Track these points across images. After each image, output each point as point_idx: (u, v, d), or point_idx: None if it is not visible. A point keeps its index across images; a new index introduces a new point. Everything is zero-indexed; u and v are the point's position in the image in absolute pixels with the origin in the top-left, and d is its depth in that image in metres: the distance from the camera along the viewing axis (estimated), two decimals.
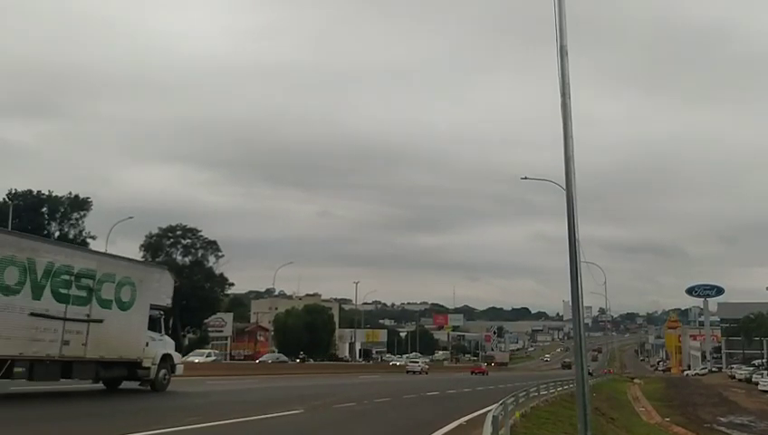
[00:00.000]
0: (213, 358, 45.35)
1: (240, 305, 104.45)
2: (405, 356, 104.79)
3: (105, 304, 17.09)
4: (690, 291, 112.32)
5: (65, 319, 15.75)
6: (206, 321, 54.99)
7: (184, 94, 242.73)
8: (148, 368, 18.78)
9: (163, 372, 19.43)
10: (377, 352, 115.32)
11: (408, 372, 59.30)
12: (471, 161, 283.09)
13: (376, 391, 26.25)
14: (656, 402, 44.76)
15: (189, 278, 49.63)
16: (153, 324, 19.43)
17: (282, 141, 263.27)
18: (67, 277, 15.90)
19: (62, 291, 15.78)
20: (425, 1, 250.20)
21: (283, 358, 51.49)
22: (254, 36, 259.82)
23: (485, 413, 12.08)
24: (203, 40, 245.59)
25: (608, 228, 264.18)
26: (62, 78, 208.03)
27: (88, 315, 16.47)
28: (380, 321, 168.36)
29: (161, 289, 20.19)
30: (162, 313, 20.31)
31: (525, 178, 44.30)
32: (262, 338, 78.10)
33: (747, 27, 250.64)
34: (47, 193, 47.00)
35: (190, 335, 52.41)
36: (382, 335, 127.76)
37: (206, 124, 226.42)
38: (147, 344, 18.73)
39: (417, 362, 66.85)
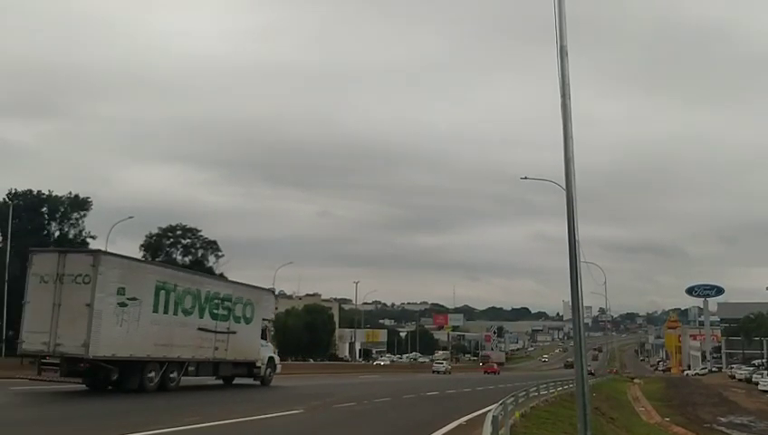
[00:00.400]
0: None
1: None
2: (386, 356, 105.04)
3: (237, 319, 22.67)
4: (690, 291, 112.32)
5: (216, 332, 21.37)
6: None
7: (184, 94, 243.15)
8: (260, 367, 24.43)
9: (269, 370, 25.15)
10: (377, 351, 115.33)
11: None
12: (471, 161, 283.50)
13: (376, 391, 26.26)
14: (656, 402, 44.75)
15: None
16: (263, 334, 24.77)
17: (282, 141, 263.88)
18: (217, 301, 21.58)
19: (215, 311, 21.45)
20: (425, 1, 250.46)
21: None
22: (254, 36, 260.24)
23: (485, 413, 12.09)
24: (203, 40, 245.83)
25: (608, 228, 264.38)
26: (61, 78, 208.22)
27: (228, 328, 22.05)
28: (380, 321, 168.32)
29: (268, 307, 26.97)
30: (267, 324, 25.94)
31: (525, 178, 44.30)
32: None
33: (748, 27, 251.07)
34: (47, 193, 46.90)
35: None
36: (382, 335, 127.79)
37: (207, 124, 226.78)
38: (260, 349, 24.40)
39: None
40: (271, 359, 25.46)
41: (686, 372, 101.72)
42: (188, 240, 51.63)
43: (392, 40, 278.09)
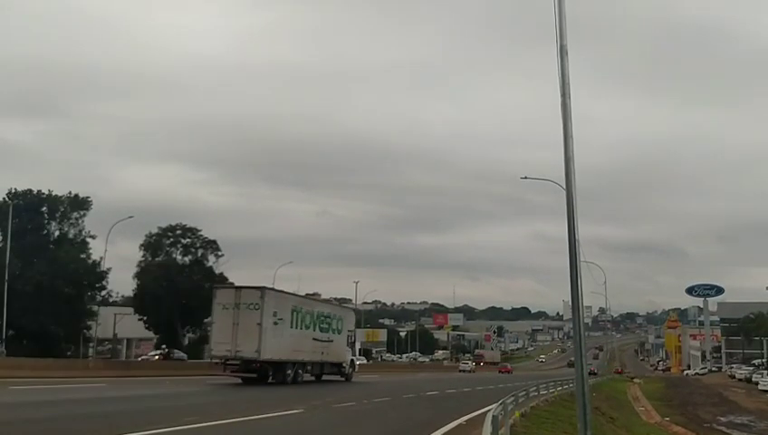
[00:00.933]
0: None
1: None
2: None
3: (333, 331, 30.16)
4: (690, 291, 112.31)
5: (322, 341, 28.99)
6: (206, 320, 54.87)
7: (183, 93, 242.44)
8: (345, 367, 31.58)
9: (351, 370, 32.32)
10: (376, 351, 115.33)
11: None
12: (471, 161, 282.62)
13: (375, 391, 26.30)
14: (655, 402, 44.77)
15: (189, 278, 49.57)
16: (347, 341, 32.31)
17: (281, 141, 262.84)
18: (322, 318, 29.38)
19: (322, 326, 29.17)
20: (425, 1, 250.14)
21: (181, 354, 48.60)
22: (253, 35, 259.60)
23: (485, 413, 12.08)
24: (202, 39, 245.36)
25: (608, 228, 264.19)
26: (60, 77, 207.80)
27: (328, 338, 29.63)
28: (380, 320, 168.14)
29: (351, 321, 34.01)
30: (350, 334, 32.79)
31: (526, 177, 44.44)
32: None
33: (747, 27, 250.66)
34: (47, 192, 46.87)
35: (190, 335, 52.25)
36: (382, 335, 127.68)
37: (205, 123, 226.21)
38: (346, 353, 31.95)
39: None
40: (352, 360, 33.21)
41: (685, 372, 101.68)
42: (188, 240, 51.51)
43: (392, 39, 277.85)
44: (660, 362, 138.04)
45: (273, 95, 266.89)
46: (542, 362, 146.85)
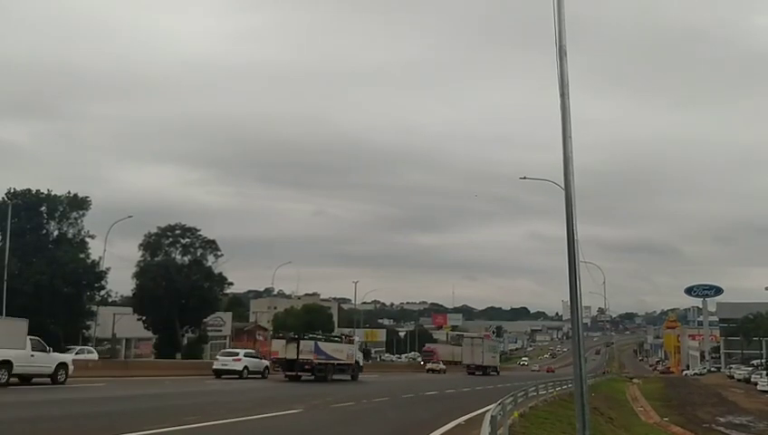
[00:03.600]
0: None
1: (239, 305, 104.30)
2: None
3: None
4: (689, 291, 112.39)
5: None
6: (204, 320, 54.83)
7: (179, 94, 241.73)
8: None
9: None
10: (375, 351, 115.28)
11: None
12: (469, 161, 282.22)
13: (374, 391, 26.32)
14: (654, 402, 44.78)
15: (188, 278, 49.56)
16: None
17: (277, 141, 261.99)
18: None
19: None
20: (422, 1, 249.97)
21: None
22: (247, 36, 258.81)
23: (484, 413, 12.10)
24: (197, 40, 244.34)
25: (607, 229, 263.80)
26: (57, 78, 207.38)
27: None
28: (379, 320, 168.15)
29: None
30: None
31: (524, 177, 44.38)
32: (261, 338, 78.05)
33: (742, 28, 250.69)
34: (46, 192, 46.82)
35: (189, 335, 52.21)
36: (381, 335, 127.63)
37: (202, 124, 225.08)
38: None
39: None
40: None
41: (684, 372, 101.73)
42: (187, 240, 51.45)
43: (389, 39, 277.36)
44: (659, 363, 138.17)
45: (268, 95, 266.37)
46: (524, 365, 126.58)
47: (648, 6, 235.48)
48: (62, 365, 22.53)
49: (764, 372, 64.09)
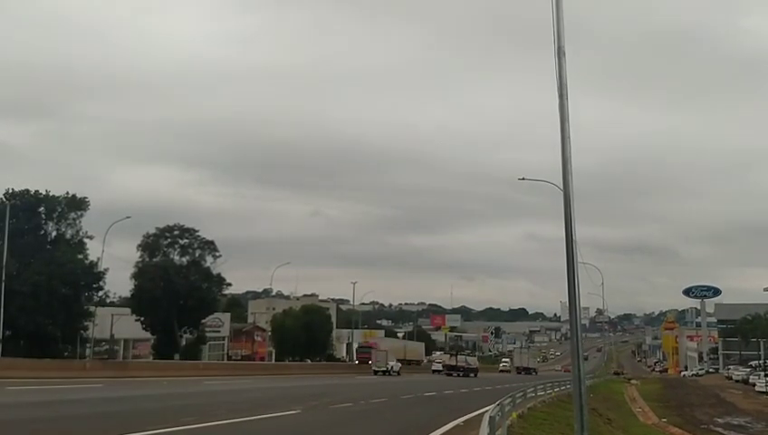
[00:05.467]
0: None
1: (238, 306, 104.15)
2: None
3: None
4: (687, 292, 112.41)
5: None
6: (203, 321, 54.72)
7: (176, 95, 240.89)
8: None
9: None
10: None
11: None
12: (466, 162, 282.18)
13: (373, 392, 26.29)
14: (652, 403, 44.79)
15: (187, 278, 49.48)
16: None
17: (274, 143, 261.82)
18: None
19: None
20: (420, 2, 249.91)
21: None
22: (243, 38, 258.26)
23: (483, 414, 12.09)
24: (192, 42, 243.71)
25: (605, 230, 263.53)
26: (55, 79, 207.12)
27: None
28: (378, 321, 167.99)
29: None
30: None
31: (523, 178, 44.29)
32: (259, 338, 77.89)
33: (738, 28, 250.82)
34: (44, 193, 46.75)
35: (187, 335, 52.12)
36: (380, 336, 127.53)
37: (199, 125, 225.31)
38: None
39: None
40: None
41: (683, 373, 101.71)
42: (186, 240, 51.33)
43: (384, 41, 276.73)
44: (657, 364, 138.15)
45: (265, 97, 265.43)
46: (504, 368, 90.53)
47: (648, 8, 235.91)
48: None
49: (762, 373, 64.12)
